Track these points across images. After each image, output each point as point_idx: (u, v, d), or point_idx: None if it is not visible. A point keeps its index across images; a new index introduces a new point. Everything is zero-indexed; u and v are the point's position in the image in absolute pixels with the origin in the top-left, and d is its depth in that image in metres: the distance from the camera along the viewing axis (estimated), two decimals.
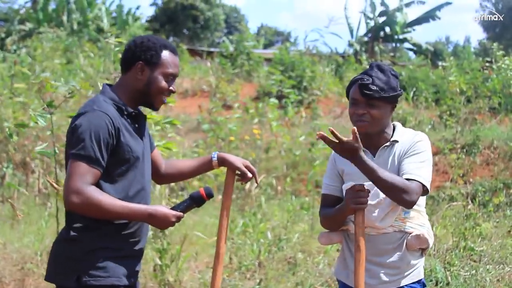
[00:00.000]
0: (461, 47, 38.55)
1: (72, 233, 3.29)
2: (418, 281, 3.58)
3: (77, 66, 16.99)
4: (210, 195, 3.48)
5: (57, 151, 5.37)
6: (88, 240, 3.27)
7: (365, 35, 37.16)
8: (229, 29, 44.32)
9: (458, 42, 64.06)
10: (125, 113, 3.37)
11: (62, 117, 9.51)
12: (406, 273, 3.54)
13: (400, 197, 3.33)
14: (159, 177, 3.81)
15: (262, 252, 7.46)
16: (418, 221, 3.54)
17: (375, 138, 3.58)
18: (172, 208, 3.39)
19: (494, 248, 7.55)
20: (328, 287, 6.60)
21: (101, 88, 3.52)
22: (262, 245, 7.63)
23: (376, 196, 3.48)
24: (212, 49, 25.23)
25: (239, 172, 3.68)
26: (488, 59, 17.34)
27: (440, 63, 18.74)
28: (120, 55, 5.54)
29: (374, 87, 3.47)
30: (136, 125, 3.45)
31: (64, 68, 17.03)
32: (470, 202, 9.76)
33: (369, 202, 3.43)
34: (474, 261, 7.18)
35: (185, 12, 44.03)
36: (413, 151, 3.50)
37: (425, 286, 3.66)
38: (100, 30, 24.00)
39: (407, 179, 3.38)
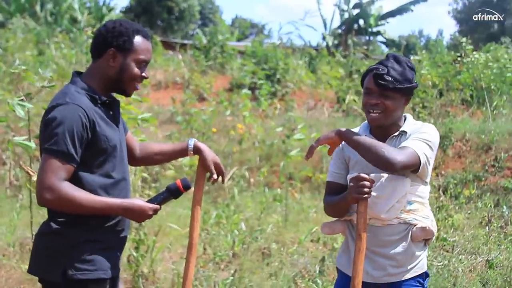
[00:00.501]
0: (434, 41, 38.76)
1: (56, 226, 3.23)
2: (421, 274, 3.59)
3: (49, 57, 16.82)
4: (187, 187, 3.45)
5: (33, 144, 5.29)
6: (73, 234, 3.22)
7: (339, 27, 37.23)
8: (203, 20, 44.23)
9: (429, 35, 64.32)
10: (99, 102, 3.29)
11: (36, 108, 9.41)
12: (410, 266, 3.54)
13: (380, 157, 3.31)
14: (133, 160, 3.76)
15: (237, 243, 7.46)
16: (422, 213, 3.53)
17: (386, 128, 3.59)
18: (149, 201, 3.35)
19: (467, 239, 7.62)
20: (302, 278, 6.61)
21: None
22: (236, 236, 7.63)
23: (382, 188, 3.47)
24: (185, 41, 25.11)
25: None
26: (458, 54, 17.46)
27: (412, 56, 18.78)
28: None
29: (389, 78, 3.46)
30: (111, 113, 3.38)
31: (36, 60, 16.86)
32: (442, 194, 9.86)
33: (375, 194, 3.43)
34: (447, 251, 7.24)
35: (160, 3, 43.76)
36: (416, 133, 3.50)
37: (428, 276, 3.68)
38: (74, 21, 23.79)
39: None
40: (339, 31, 36.66)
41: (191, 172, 10.59)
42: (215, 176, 3.66)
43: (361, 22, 37.11)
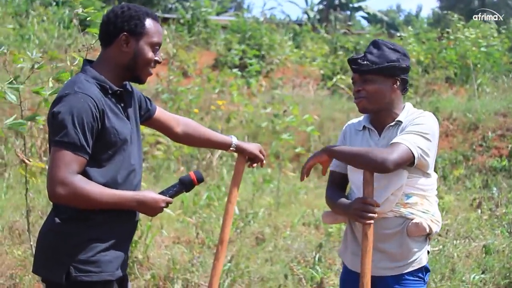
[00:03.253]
0: (414, 16, 38.75)
1: (59, 223, 3.10)
2: (420, 269, 3.51)
3: (30, 31, 16.45)
4: (200, 180, 3.38)
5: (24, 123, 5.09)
6: (77, 232, 3.08)
7: (320, 2, 37.08)
8: None
9: (409, 10, 64.36)
10: (110, 92, 3.15)
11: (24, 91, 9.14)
12: (408, 261, 3.47)
13: (371, 162, 3.27)
14: (175, 136, 3.75)
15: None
16: (421, 207, 3.43)
17: (381, 117, 3.53)
18: (160, 193, 3.25)
19: (459, 222, 7.60)
20: (298, 263, 6.55)
21: (79, 64, 3.29)
22: None
23: (377, 180, 3.40)
24: (166, 15, 24.74)
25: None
26: (448, 29, 17.38)
27: (398, 33, 18.73)
28: (74, 22, 5.24)
29: (364, 62, 3.42)
30: (122, 105, 3.24)
31: (17, 34, 16.48)
32: None
33: None
34: (440, 235, 7.21)
35: None
36: (410, 124, 3.41)
37: (429, 270, 3.60)
38: None
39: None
40: (321, 6, 36.52)
41: (178, 152, 10.46)
42: (264, 161, 3.87)
43: None
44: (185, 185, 3.34)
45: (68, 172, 2.94)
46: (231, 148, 3.76)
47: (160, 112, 3.62)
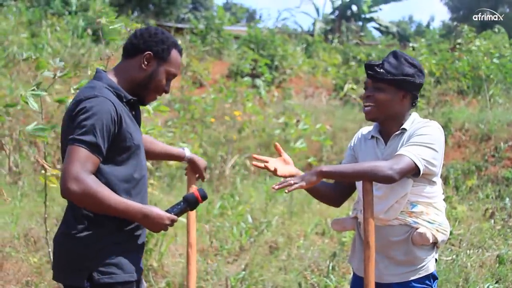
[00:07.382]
0: (425, 27, 38.68)
1: (77, 229, 3.16)
2: (427, 276, 3.52)
3: (44, 40, 16.56)
4: (204, 197, 3.41)
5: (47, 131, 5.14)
6: (98, 238, 3.15)
7: (332, 13, 37.08)
8: (194, 4, 43.87)
9: (421, 21, 64.36)
10: (124, 100, 3.26)
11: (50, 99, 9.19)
12: (414, 268, 3.48)
13: (374, 177, 3.29)
14: None
15: (244, 236, 7.41)
16: (427, 217, 3.46)
17: (387, 126, 3.57)
18: (166, 211, 3.28)
19: (472, 232, 7.59)
20: (312, 272, 6.57)
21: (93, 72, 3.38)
22: (243, 229, 7.58)
23: (381, 188, 3.45)
24: (180, 25, 24.81)
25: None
26: (459, 41, 17.34)
27: (410, 44, 18.70)
28: (89, 32, 5.31)
29: (380, 70, 3.45)
30: (133, 112, 3.35)
31: (31, 42, 16.60)
32: (443, 184, 9.85)
33: (375, 193, 3.41)
34: (453, 245, 7.21)
35: None
36: (415, 134, 3.44)
37: (437, 278, 3.61)
38: (65, 3, 23.48)
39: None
40: (332, 17, 36.52)
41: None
42: (207, 177, 4.12)
43: (354, 8, 37.02)
44: (190, 203, 3.36)
45: (83, 170, 2.99)
46: (185, 159, 3.94)
47: None
